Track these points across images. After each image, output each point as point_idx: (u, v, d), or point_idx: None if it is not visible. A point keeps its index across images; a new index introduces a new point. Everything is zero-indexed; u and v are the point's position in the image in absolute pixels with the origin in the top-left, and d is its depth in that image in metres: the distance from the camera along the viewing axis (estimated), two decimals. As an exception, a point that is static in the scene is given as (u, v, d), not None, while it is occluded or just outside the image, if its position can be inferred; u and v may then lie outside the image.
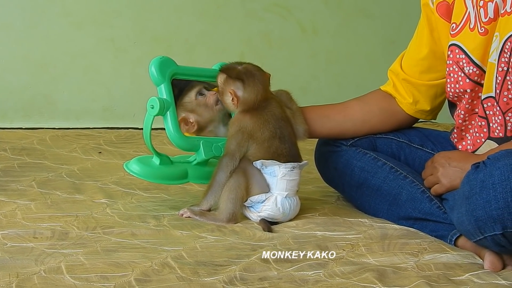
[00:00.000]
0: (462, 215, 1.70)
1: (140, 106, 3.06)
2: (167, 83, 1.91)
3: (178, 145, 1.91)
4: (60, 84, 3.11)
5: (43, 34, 3.07)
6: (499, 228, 1.64)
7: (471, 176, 1.68)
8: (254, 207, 1.92)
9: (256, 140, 1.90)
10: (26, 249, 1.63)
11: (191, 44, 3.23)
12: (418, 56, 2.05)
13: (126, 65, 3.16)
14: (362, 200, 2.07)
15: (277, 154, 1.90)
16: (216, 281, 1.52)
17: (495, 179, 1.62)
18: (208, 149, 1.94)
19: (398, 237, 1.85)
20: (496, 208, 1.62)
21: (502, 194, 1.61)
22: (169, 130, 1.90)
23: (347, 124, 2.10)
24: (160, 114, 1.88)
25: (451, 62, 1.96)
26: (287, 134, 1.93)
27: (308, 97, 3.30)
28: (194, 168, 1.97)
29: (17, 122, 3.00)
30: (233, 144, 1.89)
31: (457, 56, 1.94)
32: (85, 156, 2.54)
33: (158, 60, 1.93)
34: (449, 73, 1.98)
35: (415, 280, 1.58)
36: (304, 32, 3.38)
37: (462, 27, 1.94)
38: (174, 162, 1.97)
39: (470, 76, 1.92)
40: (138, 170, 1.92)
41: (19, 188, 2.09)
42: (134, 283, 1.48)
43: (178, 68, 1.95)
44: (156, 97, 1.89)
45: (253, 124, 1.90)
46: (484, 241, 1.69)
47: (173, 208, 1.99)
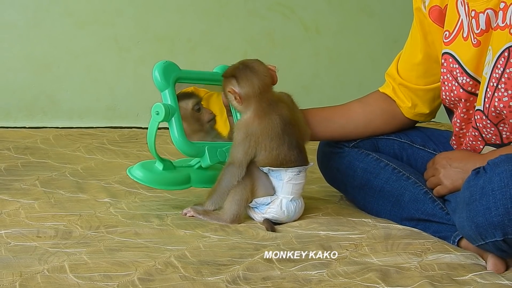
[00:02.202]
0: (463, 220, 1.70)
1: (144, 105, 3.09)
2: (172, 88, 1.90)
3: (183, 151, 1.91)
4: (63, 83, 3.11)
5: (46, 34, 3.08)
6: (500, 235, 1.63)
7: (472, 182, 1.68)
8: (259, 208, 1.92)
9: (264, 148, 1.87)
10: (30, 248, 1.63)
11: (194, 43, 3.23)
12: (414, 61, 2.04)
13: (129, 64, 3.17)
14: (365, 201, 2.07)
15: (285, 161, 1.89)
16: (219, 281, 1.52)
17: (495, 185, 1.62)
18: (213, 155, 1.93)
19: (402, 237, 1.85)
20: (496, 215, 1.62)
21: (502, 201, 1.61)
22: (174, 136, 1.89)
23: (350, 127, 2.09)
24: (165, 120, 1.87)
25: (445, 70, 1.95)
26: (295, 140, 1.90)
27: (310, 96, 3.32)
28: (196, 172, 1.97)
29: (20, 121, 3.01)
30: (240, 152, 1.87)
31: (451, 65, 1.93)
32: (89, 155, 2.54)
33: (161, 65, 1.91)
34: (443, 81, 1.97)
35: (418, 280, 1.58)
36: (307, 31, 3.38)
37: (455, 36, 1.92)
38: (176, 167, 1.97)
39: (463, 86, 1.91)
40: (141, 176, 1.92)
41: (23, 187, 2.10)
42: (137, 282, 1.48)
43: (181, 72, 1.94)
44: (161, 103, 1.87)
45: (261, 130, 1.87)
46: (485, 246, 1.69)
47: (176, 207, 1.99)
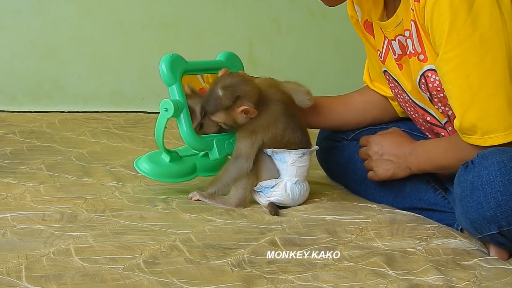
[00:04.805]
0: (459, 215, 1.71)
1: (149, 90, 3.09)
2: (179, 83, 1.89)
3: (192, 145, 1.90)
4: (69, 68, 3.11)
5: (52, 19, 3.07)
6: (495, 228, 1.63)
7: (461, 178, 1.68)
8: (264, 192, 1.92)
9: (271, 135, 1.87)
10: (35, 231, 1.63)
11: (199, 29, 3.23)
12: (377, 70, 2.04)
13: (135, 49, 3.16)
14: (366, 194, 2.06)
15: (289, 143, 1.89)
16: (224, 264, 1.52)
17: (484, 179, 1.62)
18: (221, 148, 1.92)
19: (407, 222, 1.85)
20: (489, 209, 1.62)
21: (492, 194, 1.61)
22: (183, 131, 1.88)
23: (351, 115, 2.09)
24: (175, 117, 1.86)
25: (392, 85, 1.96)
26: (298, 121, 1.91)
27: (316, 83, 3.31)
28: (201, 160, 1.97)
29: (26, 105, 3.01)
30: (247, 146, 1.87)
31: (393, 82, 1.94)
32: (94, 139, 2.54)
33: (168, 58, 1.89)
34: (395, 94, 1.98)
35: (423, 265, 1.58)
36: (313, 17, 3.37)
37: (385, 55, 1.93)
38: (182, 157, 1.96)
39: (408, 102, 1.92)
40: (148, 169, 1.92)
41: (28, 171, 2.10)
42: (142, 265, 1.48)
43: (188, 65, 1.92)
44: (169, 99, 1.86)
45: (267, 123, 1.86)
46: (484, 239, 1.70)
47: (181, 191, 1.99)
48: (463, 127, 1.71)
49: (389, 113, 2.10)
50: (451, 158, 1.79)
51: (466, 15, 1.65)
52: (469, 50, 1.67)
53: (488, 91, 1.68)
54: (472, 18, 1.65)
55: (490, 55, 1.67)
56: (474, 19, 1.66)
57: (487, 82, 1.68)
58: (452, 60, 1.69)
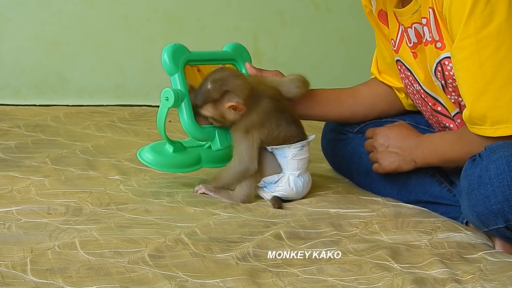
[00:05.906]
0: (465, 208, 1.70)
1: (153, 84, 3.09)
2: (181, 72, 1.88)
3: (193, 135, 1.89)
4: (73, 62, 3.11)
5: (56, 12, 3.07)
6: (502, 222, 1.63)
7: (469, 171, 1.67)
8: (268, 187, 1.92)
9: (266, 133, 1.86)
10: (40, 225, 1.63)
11: (203, 23, 3.22)
12: (387, 61, 2.04)
13: (139, 43, 3.16)
14: (371, 187, 2.06)
15: (287, 138, 1.89)
16: (229, 257, 1.53)
17: (492, 173, 1.61)
18: (223, 138, 1.91)
19: (412, 215, 1.85)
20: (496, 203, 1.61)
21: (500, 188, 1.60)
22: (184, 121, 1.87)
23: (358, 108, 2.09)
24: (175, 106, 1.85)
25: (403, 76, 1.96)
26: (289, 114, 1.90)
27: (320, 76, 3.31)
28: (206, 151, 1.97)
29: (30, 99, 3.01)
30: (247, 149, 1.86)
31: (406, 72, 1.93)
32: (99, 133, 2.54)
33: (171, 48, 1.87)
34: (405, 85, 1.98)
35: (428, 258, 1.58)
36: (317, 10, 3.36)
37: (399, 44, 1.92)
38: (187, 147, 1.95)
39: (419, 92, 1.92)
40: (151, 159, 1.91)
41: (33, 165, 2.10)
42: (147, 259, 1.48)
43: (191, 55, 1.91)
44: (170, 89, 1.85)
45: (259, 119, 1.86)
46: (490, 232, 1.69)
47: (186, 185, 1.99)
48: (472, 117, 1.71)
49: (396, 106, 2.10)
50: (458, 151, 1.79)
51: (485, 5, 1.65)
52: (485, 39, 1.66)
53: (502, 81, 1.67)
54: (491, 7, 1.65)
55: (506, 45, 1.66)
56: (493, 9, 1.65)
57: (501, 72, 1.67)
58: (467, 48, 1.68)
